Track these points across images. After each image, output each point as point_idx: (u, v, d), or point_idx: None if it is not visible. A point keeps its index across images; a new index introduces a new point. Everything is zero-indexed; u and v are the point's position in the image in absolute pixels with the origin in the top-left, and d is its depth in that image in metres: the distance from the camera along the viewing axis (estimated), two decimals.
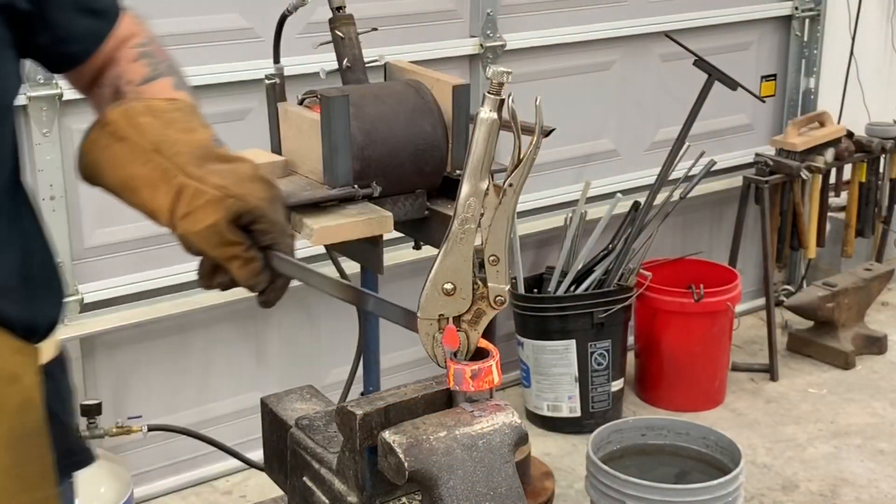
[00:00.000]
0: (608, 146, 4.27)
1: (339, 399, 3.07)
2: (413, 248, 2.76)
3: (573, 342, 3.77)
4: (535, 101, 1.22)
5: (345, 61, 2.65)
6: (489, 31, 3.74)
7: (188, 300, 3.30)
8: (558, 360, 3.79)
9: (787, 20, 4.69)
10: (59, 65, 1.47)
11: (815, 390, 4.22)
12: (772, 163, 4.33)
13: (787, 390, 4.21)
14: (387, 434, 1.24)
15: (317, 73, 2.81)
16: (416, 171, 2.51)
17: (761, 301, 4.55)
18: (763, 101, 4.47)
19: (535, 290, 3.95)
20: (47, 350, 1.37)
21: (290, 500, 1.54)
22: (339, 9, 2.67)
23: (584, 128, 4.16)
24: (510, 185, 1.24)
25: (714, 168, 4.06)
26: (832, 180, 4.61)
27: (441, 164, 2.55)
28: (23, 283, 1.34)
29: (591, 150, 4.22)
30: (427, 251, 2.69)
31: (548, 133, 2.63)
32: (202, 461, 3.54)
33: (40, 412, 1.31)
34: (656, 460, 3.20)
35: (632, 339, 4.15)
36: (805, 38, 4.72)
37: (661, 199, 3.97)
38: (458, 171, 2.55)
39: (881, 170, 4.75)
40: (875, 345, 4.49)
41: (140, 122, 1.36)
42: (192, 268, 1.40)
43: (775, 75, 4.73)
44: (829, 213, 4.67)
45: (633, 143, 4.34)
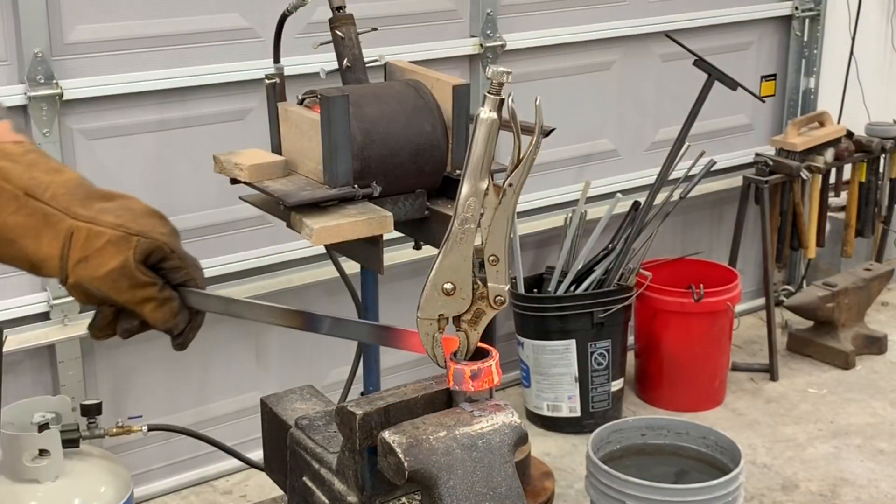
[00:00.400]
0: (608, 146, 4.27)
1: (339, 399, 3.07)
2: (413, 248, 2.76)
3: (573, 342, 3.77)
4: (535, 101, 1.21)
5: (345, 61, 2.66)
6: (489, 31, 3.74)
7: None
8: (558, 359, 3.79)
9: (787, 20, 4.69)
10: None
11: (815, 390, 4.22)
12: (772, 163, 4.33)
13: (787, 390, 4.21)
14: (386, 434, 1.24)
15: (317, 73, 2.81)
16: (416, 171, 2.52)
17: (761, 301, 4.55)
18: (763, 101, 4.47)
19: (535, 290, 3.95)
20: None
21: (290, 500, 1.53)
22: (339, 9, 2.67)
23: (584, 128, 4.16)
24: (510, 185, 1.24)
25: (714, 168, 4.06)
26: (832, 180, 4.61)
27: (441, 164, 2.56)
28: None
29: (591, 150, 4.21)
30: (427, 251, 2.69)
31: (548, 133, 2.63)
32: (202, 461, 3.54)
33: None
34: (656, 460, 3.19)
35: (632, 339, 4.15)
36: (805, 38, 4.72)
37: (661, 199, 3.97)
38: (458, 171, 2.55)
39: (881, 170, 4.75)
40: (875, 345, 4.49)
41: None
42: None
43: (775, 75, 4.73)
44: (829, 213, 4.67)
45: (633, 143, 4.34)
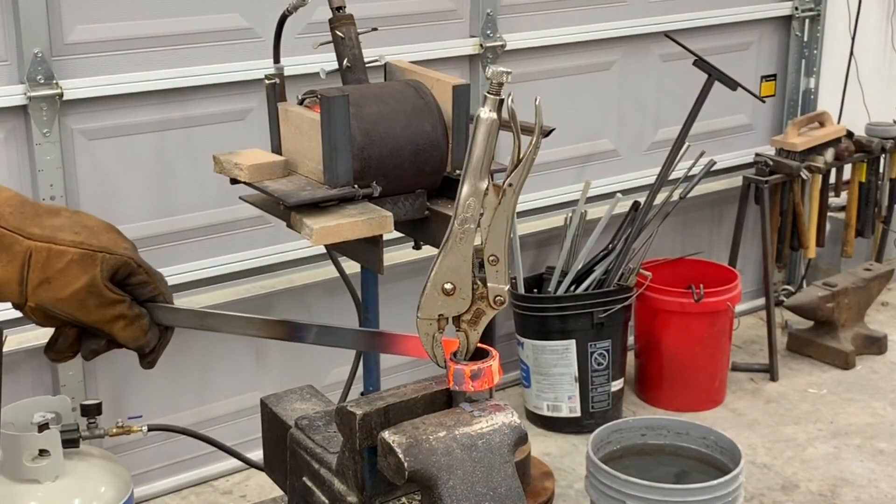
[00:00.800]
0: (608, 146, 4.27)
1: (339, 399, 3.07)
2: (413, 248, 2.76)
3: (573, 342, 3.77)
4: (535, 101, 1.21)
5: (345, 61, 2.66)
6: (489, 32, 3.74)
7: (188, 300, 3.29)
8: (558, 360, 3.79)
9: (787, 20, 4.69)
10: None
11: (814, 390, 4.22)
12: (772, 163, 4.33)
13: (787, 390, 4.21)
14: (386, 434, 1.24)
15: (317, 73, 2.81)
16: (416, 171, 2.52)
17: (761, 301, 4.55)
18: (763, 101, 4.48)
19: (535, 290, 3.95)
20: None
21: (290, 500, 1.53)
22: (339, 9, 2.67)
23: (584, 128, 4.16)
24: (510, 184, 1.24)
25: (714, 168, 4.06)
26: (832, 180, 4.61)
27: (441, 164, 2.56)
28: None
29: (591, 150, 4.21)
30: (427, 251, 2.69)
31: (547, 133, 2.63)
32: (202, 461, 3.54)
33: None
34: (656, 460, 3.19)
35: (632, 339, 4.15)
36: (805, 38, 4.72)
37: (660, 199, 3.97)
38: (457, 171, 2.55)
39: (881, 170, 4.75)
40: (875, 345, 4.49)
41: None
42: (192, 268, 1.36)
43: (775, 75, 4.73)
44: (829, 213, 4.67)
45: (633, 143, 4.34)
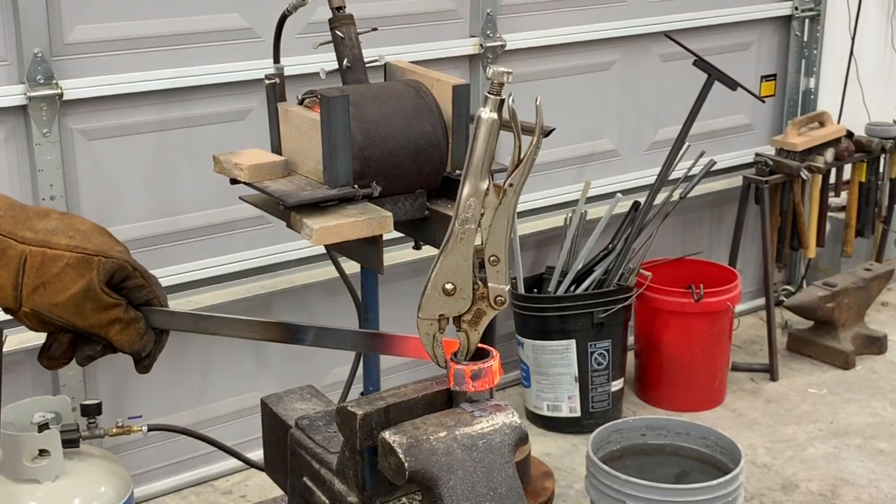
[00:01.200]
0: (608, 146, 4.27)
1: (339, 399, 3.06)
2: (413, 248, 2.76)
3: (573, 342, 3.77)
4: (536, 101, 1.22)
5: (345, 61, 2.65)
6: (489, 32, 3.74)
7: (188, 300, 3.29)
8: (558, 360, 3.79)
9: (787, 20, 4.69)
10: None
11: (814, 390, 4.22)
12: (772, 163, 4.33)
13: (787, 390, 4.21)
14: (387, 434, 1.24)
15: (317, 73, 2.81)
16: (416, 171, 2.51)
17: (761, 301, 4.55)
18: (763, 101, 4.48)
19: (535, 290, 3.95)
20: None
21: (290, 500, 1.53)
22: (339, 9, 2.67)
23: (584, 128, 4.16)
24: (510, 185, 1.24)
25: (714, 168, 4.06)
26: (832, 180, 4.61)
27: (441, 164, 2.55)
28: None
29: (591, 150, 4.21)
30: (427, 251, 2.69)
31: (548, 133, 2.63)
32: (202, 461, 3.54)
33: None
34: (656, 460, 3.20)
35: (632, 339, 4.15)
36: (805, 38, 4.72)
37: (661, 199, 3.97)
38: (458, 171, 2.55)
39: (881, 170, 4.75)
40: (875, 345, 4.49)
41: None
42: (192, 268, 1.36)
43: (775, 75, 4.73)
44: (829, 213, 4.67)
45: (633, 143, 4.34)
